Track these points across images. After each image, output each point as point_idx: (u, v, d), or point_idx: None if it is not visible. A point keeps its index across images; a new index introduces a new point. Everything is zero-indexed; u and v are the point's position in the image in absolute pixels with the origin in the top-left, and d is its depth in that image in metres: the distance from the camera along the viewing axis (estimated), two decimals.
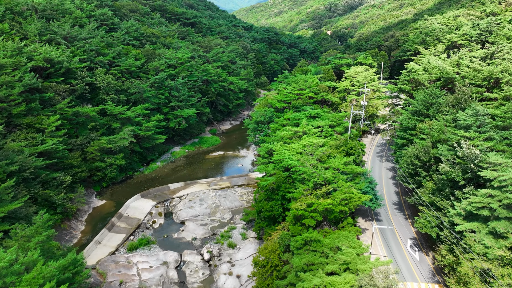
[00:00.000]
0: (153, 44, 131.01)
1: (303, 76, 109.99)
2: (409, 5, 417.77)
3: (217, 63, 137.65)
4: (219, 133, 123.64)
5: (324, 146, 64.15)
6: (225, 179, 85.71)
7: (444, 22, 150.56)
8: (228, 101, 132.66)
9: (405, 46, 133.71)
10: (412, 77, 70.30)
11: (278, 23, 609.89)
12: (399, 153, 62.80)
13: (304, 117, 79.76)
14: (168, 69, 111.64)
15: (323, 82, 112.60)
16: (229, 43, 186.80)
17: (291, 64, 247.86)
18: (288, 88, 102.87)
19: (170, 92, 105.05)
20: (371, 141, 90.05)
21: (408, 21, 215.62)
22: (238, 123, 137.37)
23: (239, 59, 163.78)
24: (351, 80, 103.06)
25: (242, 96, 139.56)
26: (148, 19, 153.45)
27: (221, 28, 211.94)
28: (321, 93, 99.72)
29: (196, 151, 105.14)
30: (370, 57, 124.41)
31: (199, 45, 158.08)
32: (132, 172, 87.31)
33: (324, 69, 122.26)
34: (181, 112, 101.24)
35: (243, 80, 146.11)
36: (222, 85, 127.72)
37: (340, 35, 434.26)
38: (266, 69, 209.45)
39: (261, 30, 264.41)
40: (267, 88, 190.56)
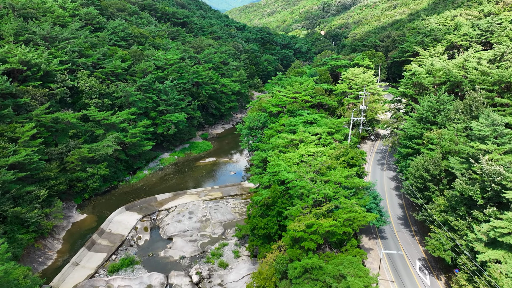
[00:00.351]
0: (141, 44, 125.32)
1: (298, 78, 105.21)
2: (403, 5, 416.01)
3: (208, 65, 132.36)
4: (211, 137, 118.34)
5: (323, 156, 59.32)
6: (216, 189, 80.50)
7: (441, 22, 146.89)
8: (220, 104, 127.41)
9: (402, 47, 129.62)
10: (416, 80, 65.78)
11: (271, 23, 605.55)
12: (403, 163, 58.14)
13: (300, 123, 74.90)
14: (156, 71, 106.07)
15: (319, 84, 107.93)
16: (221, 44, 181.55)
17: (285, 65, 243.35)
18: (282, 91, 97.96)
19: (159, 96, 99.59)
20: (371, 147, 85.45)
21: (404, 21, 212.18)
22: (231, 126, 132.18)
23: (231, 60, 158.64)
24: (349, 82, 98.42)
25: (235, 98, 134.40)
26: (136, 18, 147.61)
27: (213, 28, 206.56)
28: (318, 97, 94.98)
29: (186, 157, 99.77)
30: (367, 58, 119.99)
31: (190, 45, 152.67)
32: (117, 182, 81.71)
33: (320, 70, 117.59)
34: (170, 117, 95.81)
35: (236, 82, 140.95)
36: (214, 88, 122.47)
37: (334, 35, 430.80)
38: (259, 70, 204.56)
39: (254, 30, 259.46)
40: (261, 90, 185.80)
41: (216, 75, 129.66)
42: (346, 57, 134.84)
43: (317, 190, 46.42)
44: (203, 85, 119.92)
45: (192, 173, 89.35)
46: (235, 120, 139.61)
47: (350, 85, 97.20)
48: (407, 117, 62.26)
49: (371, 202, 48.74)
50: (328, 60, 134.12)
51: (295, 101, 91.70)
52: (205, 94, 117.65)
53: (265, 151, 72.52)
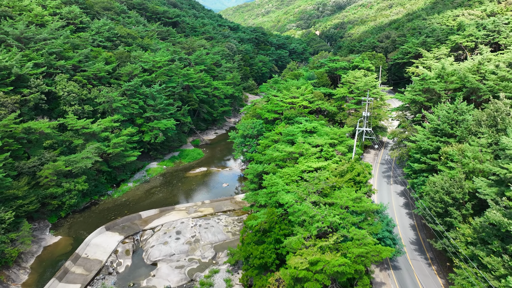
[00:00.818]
0: (128, 45, 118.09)
1: (295, 81, 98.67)
2: (399, 5, 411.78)
3: (200, 67, 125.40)
4: (202, 144, 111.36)
5: (325, 171, 52.74)
6: (207, 204, 73.63)
7: (443, 22, 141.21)
8: (213, 109, 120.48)
9: (404, 48, 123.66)
10: (428, 86, 59.46)
11: (266, 23, 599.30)
12: (415, 180, 51.71)
13: (298, 131, 68.31)
14: (143, 74, 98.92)
15: (317, 88, 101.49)
16: (214, 44, 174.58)
17: (280, 66, 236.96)
18: (279, 96, 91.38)
19: (145, 101, 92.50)
20: (375, 157, 79.10)
21: (402, 21, 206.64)
22: (224, 132, 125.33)
23: (224, 62, 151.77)
24: (349, 86, 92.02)
25: (228, 102, 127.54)
26: (124, 18, 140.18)
27: (206, 28, 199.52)
28: (316, 102, 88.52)
29: (176, 167, 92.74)
30: (368, 60, 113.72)
31: (181, 46, 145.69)
32: (98, 197, 74.55)
33: (318, 73, 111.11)
34: (158, 124, 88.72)
35: (229, 84, 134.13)
36: (206, 91, 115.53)
37: (329, 35, 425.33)
38: (253, 72, 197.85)
39: (248, 30, 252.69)
40: (255, 92, 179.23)
41: (208, 78, 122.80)
42: (344, 59, 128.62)
43: (321, 216, 39.82)
44: (194, 89, 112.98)
45: (181, 185, 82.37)
46: (229, 125, 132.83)
47: (351, 89, 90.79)
48: (419, 127, 55.86)
49: (383, 230, 42.24)
50: (326, 62, 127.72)
51: (292, 107, 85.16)
52: (196, 98, 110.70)
53: (261, 164, 65.92)
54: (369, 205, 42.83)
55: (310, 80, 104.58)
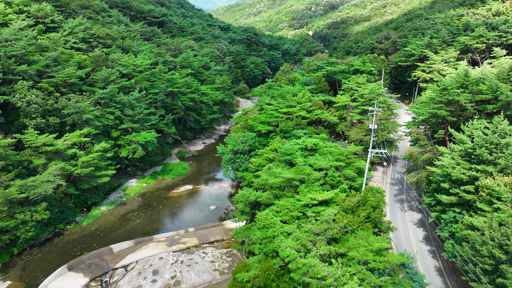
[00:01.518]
0: (107, 47, 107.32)
1: (291, 87, 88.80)
2: (393, 5, 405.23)
3: (186, 70, 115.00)
4: (188, 156, 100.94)
5: (333, 206, 43.03)
6: (191, 233, 63.35)
7: (447, 22, 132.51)
8: (200, 116, 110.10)
9: (407, 50, 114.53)
10: (451, 97, 49.90)
11: (257, 23, 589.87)
12: (444, 216, 42.08)
13: (297, 149, 58.44)
14: (121, 80, 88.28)
15: (315, 95, 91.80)
16: (202, 45, 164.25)
17: (273, 68, 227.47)
18: (273, 104, 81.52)
19: (123, 110, 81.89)
20: (383, 175, 69.53)
21: (400, 21, 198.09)
22: (213, 141, 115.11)
23: (213, 64, 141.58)
24: (352, 94, 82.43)
25: (217, 109, 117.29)
26: (104, 17, 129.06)
27: (195, 28, 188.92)
28: (315, 111, 78.85)
29: (158, 185, 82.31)
30: (369, 63, 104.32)
31: (166, 48, 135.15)
32: (63, 225, 63.84)
33: (315, 77, 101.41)
34: (137, 137, 78.15)
35: (218, 89, 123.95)
36: (192, 98, 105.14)
37: (322, 35, 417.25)
38: (245, 74, 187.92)
39: (239, 31, 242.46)
40: (247, 96, 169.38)
41: (195, 83, 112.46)
42: (343, 61, 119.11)
43: (334, 279, 29.94)
44: (180, 95, 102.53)
45: (163, 208, 71.95)
46: (218, 133, 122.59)
47: (353, 97, 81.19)
48: (444, 149, 46.31)
49: None
50: (323, 65, 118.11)
51: (288, 117, 75.27)
52: (181, 105, 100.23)
53: (252, 189, 56.00)
54: (394, 258, 33.05)
55: (307, 86, 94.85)
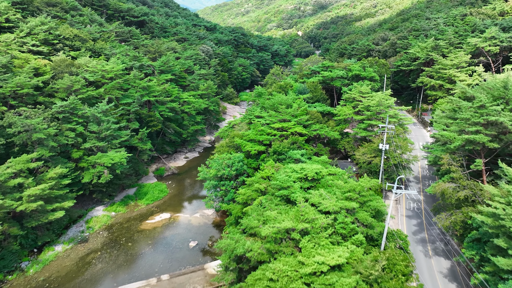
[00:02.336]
0: (75, 50, 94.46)
1: (284, 97, 77.21)
2: (383, 4, 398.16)
3: (166, 75, 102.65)
4: (168, 174, 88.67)
5: (347, 269, 31.75)
6: (165, 282, 51.27)
7: (451, 22, 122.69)
8: (182, 128, 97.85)
9: (411, 53, 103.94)
10: (494, 119, 38.99)
11: (245, 23, 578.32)
12: (502, 286, 30.96)
13: (295, 179, 47.06)
14: (87, 89, 75.79)
15: (311, 105, 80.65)
16: (186, 47, 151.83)
17: (262, 70, 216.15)
18: (264, 117, 69.97)
19: (87, 126, 69.34)
20: (397, 205, 58.38)
21: (396, 21, 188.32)
22: (197, 155, 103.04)
23: (197, 68, 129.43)
24: (355, 105, 71.31)
25: (201, 119, 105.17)
26: (74, 16, 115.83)
27: (178, 29, 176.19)
28: (313, 126, 67.62)
29: (129, 213, 69.99)
30: (370, 68, 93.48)
31: (145, 50, 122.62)
32: (3, 275, 51.16)
33: (310, 84, 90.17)
34: (102, 158, 65.63)
35: (203, 96, 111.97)
36: (172, 107, 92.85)
37: (312, 36, 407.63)
38: (233, 77, 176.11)
39: (226, 31, 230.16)
40: (235, 102, 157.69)
41: (176, 90, 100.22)
42: (339, 65, 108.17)
43: None
44: (157, 105, 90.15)
45: (132, 247, 59.69)
46: (203, 145, 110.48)
47: (357, 108, 70.03)
48: (491, 189, 35.30)
49: None
50: (318, 69, 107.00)
51: (282, 134, 63.70)
52: (159, 117, 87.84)
53: (238, 230, 44.52)
54: None
55: (302, 95, 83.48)
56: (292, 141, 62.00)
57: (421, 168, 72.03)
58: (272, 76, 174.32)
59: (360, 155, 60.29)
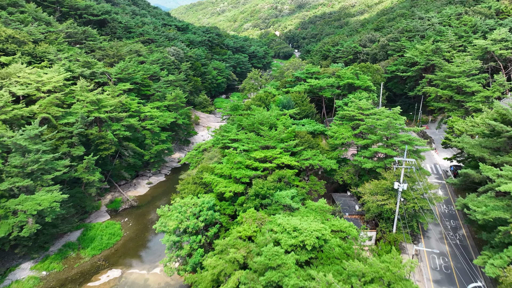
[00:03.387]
0: (8, 54, 76.89)
1: (265, 114, 62.34)
2: (362, 4, 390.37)
3: (124, 85, 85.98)
4: (125, 208, 72.38)
5: None
6: None
7: (447, 22, 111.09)
8: (143, 148, 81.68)
9: (408, 58, 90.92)
10: None
11: (221, 22, 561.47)
12: None
13: (287, 248, 32.52)
14: (14, 107, 58.78)
15: (298, 123, 66.26)
16: (153, 49, 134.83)
17: (238, 73, 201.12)
18: (242, 140, 55.05)
19: (6, 158, 52.46)
20: (419, 263, 44.32)
21: (381, 21, 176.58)
22: (163, 179, 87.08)
23: (165, 73, 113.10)
24: (356, 125, 57.26)
25: (168, 136, 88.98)
26: (14, 12, 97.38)
27: (145, 28, 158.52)
28: (304, 153, 53.16)
29: (67, 271, 53.56)
30: (364, 76, 79.91)
31: (102, 54, 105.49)
32: None
33: (296, 96, 75.80)
34: (25, 203, 48.89)
35: (170, 108, 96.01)
36: (130, 125, 76.51)
37: (290, 36, 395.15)
38: (206, 82, 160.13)
39: (199, 31, 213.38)
40: (209, 110, 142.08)
41: (136, 102, 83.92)
42: (326, 71, 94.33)
43: None
44: (110, 123, 73.59)
45: None
46: (170, 166, 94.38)
47: (358, 130, 55.95)
48: None
49: None
50: (303, 75, 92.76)
51: (266, 168, 48.90)
52: (113, 138, 71.26)
53: None
54: None
55: (286, 110, 68.91)
56: (279, 177, 47.25)
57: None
58: (250, 81, 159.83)
59: (368, 195, 46.09)
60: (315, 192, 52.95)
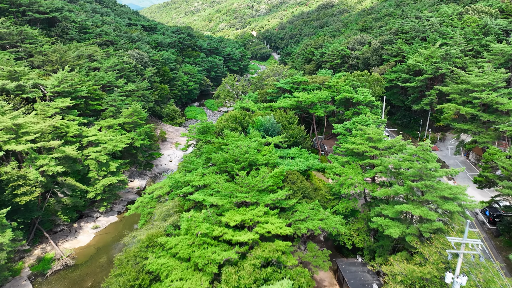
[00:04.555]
0: None
1: (243, 144, 45.43)
2: (341, 4, 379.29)
3: (62, 101, 67.43)
4: (57, 269, 54.21)
5: None
6: None
7: (448, 23, 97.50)
8: (86, 183, 63.58)
9: (412, 64, 75.86)
10: None
11: (196, 22, 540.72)
12: None
13: None
14: None
15: (286, 156, 49.99)
16: (110, 53, 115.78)
17: (213, 78, 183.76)
18: (210, 186, 38.29)
19: None
20: None
21: (367, 21, 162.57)
22: (115, 219, 69.31)
23: (123, 82, 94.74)
24: (367, 164, 41.38)
25: (121, 165, 70.74)
26: None
27: (104, 29, 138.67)
28: (298, 208, 36.91)
29: None
30: (364, 89, 64.42)
31: (43, 59, 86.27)
32: None
33: (281, 115, 59.50)
34: None
35: (126, 127, 78.10)
36: (67, 156, 58.19)
37: (268, 36, 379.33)
38: (176, 89, 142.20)
39: (169, 31, 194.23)
40: (178, 122, 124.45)
41: (76, 124, 65.60)
42: (314, 79, 78.65)
43: None
44: (34, 156, 55.05)
45: None
46: (126, 199, 76.42)
47: (372, 174, 40.07)
48: None
49: None
50: (286, 86, 76.63)
51: (243, 242, 32.30)
52: (38, 177, 52.78)
53: None
54: None
55: (270, 137, 52.43)
56: (264, 259, 30.73)
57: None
58: (225, 87, 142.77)
59: (396, 284, 30.19)
60: (316, 268, 36.72)
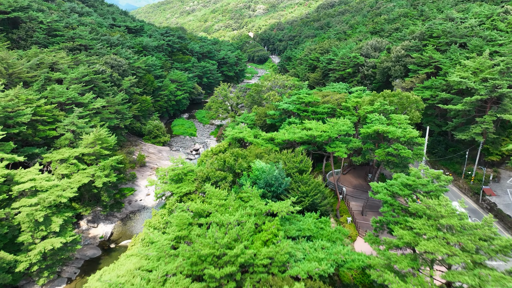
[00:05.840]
0: None
1: (234, 220, 27.39)
2: (342, 3, 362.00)
3: None
4: None
5: None
6: None
7: (489, 25, 79.93)
8: (15, 250, 45.54)
9: (454, 81, 57.67)
10: None
11: (191, 22, 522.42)
12: None
13: None
14: None
15: (299, 237, 31.77)
16: (82, 60, 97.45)
17: (205, 85, 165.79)
18: None
19: None
20: None
21: (379, 22, 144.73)
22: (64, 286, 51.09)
23: (90, 96, 76.78)
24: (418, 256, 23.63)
25: (70, 217, 52.53)
26: None
27: (78, 31, 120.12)
28: None
29: None
30: (401, 116, 46.79)
31: None
32: None
33: (289, 159, 41.64)
34: None
35: (87, 159, 60.23)
36: None
37: (265, 37, 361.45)
38: (162, 100, 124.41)
39: (156, 33, 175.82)
40: (162, 141, 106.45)
41: (3, 165, 47.59)
42: (327, 97, 60.92)
43: None
44: None
45: None
46: (83, 257, 58.33)
47: None
48: None
49: None
50: (293, 108, 58.75)
51: None
52: None
53: None
54: None
55: (275, 199, 34.52)
56: None
57: None
58: (218, 98, 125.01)
59: None
60: None
